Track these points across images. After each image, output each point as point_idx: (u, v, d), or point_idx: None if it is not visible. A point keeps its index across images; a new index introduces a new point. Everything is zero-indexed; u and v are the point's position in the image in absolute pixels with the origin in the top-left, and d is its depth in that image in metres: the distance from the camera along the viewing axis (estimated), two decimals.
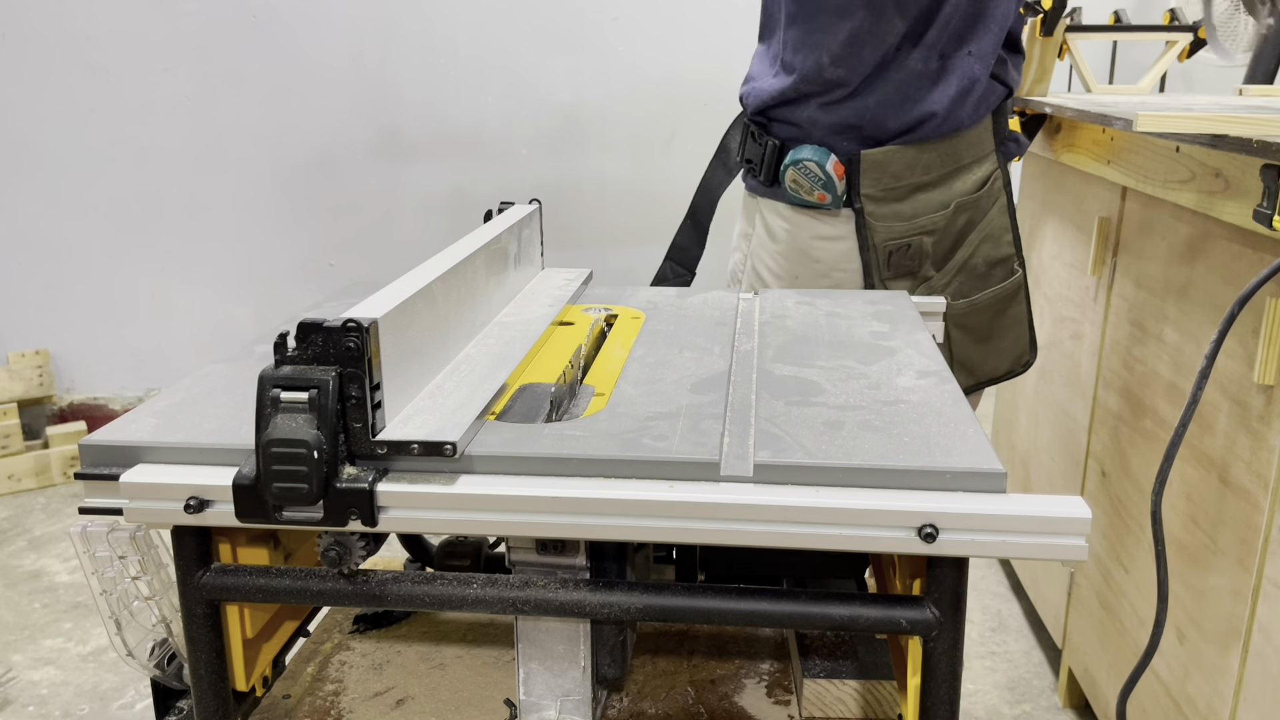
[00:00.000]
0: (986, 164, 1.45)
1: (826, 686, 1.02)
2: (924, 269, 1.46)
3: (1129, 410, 1.60)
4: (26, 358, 3.33)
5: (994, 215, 1.47)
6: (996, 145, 1.46)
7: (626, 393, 0.92)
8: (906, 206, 1.43)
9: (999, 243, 1.48)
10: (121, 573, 0.90)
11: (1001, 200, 1.47)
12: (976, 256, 1.47)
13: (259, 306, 3.46)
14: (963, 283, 1.47)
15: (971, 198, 1.45)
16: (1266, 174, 1.12)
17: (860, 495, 0.75)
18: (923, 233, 1.44)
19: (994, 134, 1.46)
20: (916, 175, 1.42)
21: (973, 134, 1.44)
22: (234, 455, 0.80)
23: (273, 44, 3.27)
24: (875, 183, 1.41)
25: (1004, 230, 1.48)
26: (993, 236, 1.47)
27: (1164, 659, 1.44)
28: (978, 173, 1.45)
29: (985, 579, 2.43)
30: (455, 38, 3.30)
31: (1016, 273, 1.51)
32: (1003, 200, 1.47)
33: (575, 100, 3.35)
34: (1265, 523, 1.19)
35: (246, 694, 0.93)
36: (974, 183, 1.45)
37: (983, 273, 1.48)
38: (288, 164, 3.37)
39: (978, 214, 1.46)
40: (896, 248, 1.43)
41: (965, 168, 1.44)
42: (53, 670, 2.15)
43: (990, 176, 1.46)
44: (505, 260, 1.15)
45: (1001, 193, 1.47)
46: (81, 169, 3.30)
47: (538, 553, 0.88)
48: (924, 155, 1.41)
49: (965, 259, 1.47)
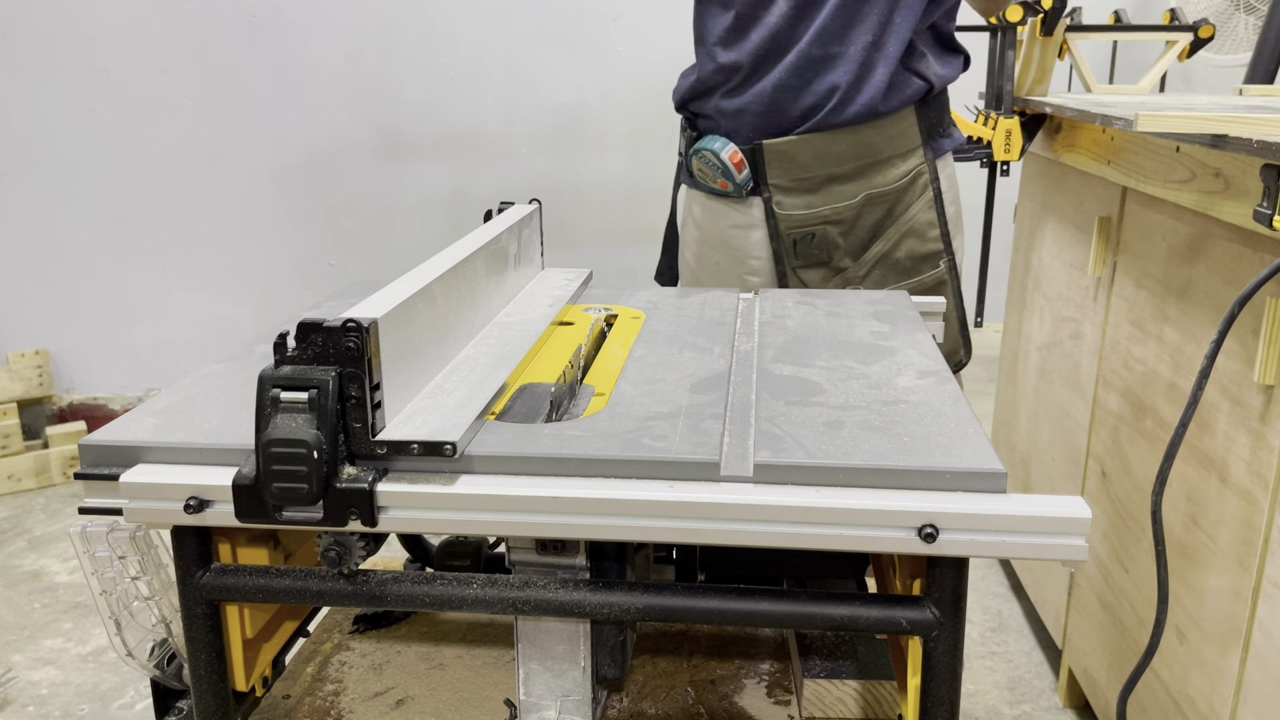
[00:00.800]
0: (911, 159, 1.45)
1: (826, 686, 1.02)
2: (837, 259, 1.47)
3: (1129, 410, 1.60)
4: (26, 358, 3.33)
5: (918, 210, 1.46)
6: (924, 140, 1.45)
7: (626, 393, 0.92)
8: (819, 197, 1.44)
9: (924, 238, 1.47)
10: (121, 573, 0.90)
11: (928, 195, 1.46)
12: (899, 251, 1.47)
13: (259, 306, 3.46)
14: (884, 276, 1.48)
15: (886, 190, 1.44)
16: (1266, 174, 1.12)
17: (860, 495, 0.75)
18: (827, 222, 1.45)
19: (920, 129, 1.45)
20: (829, 166, 1.42)
21: (890, 126, 1.43)
22: (234, 455, 0.80)
23: (273, 44, 3.27)
24: (784, 173, 1.43)
25: (930, 225, 1.47)
26: (917, 231, 1.47)
27: (1164, 659, 1.44)
28: (901, 167, 1.44)
29: (985, 579, 2.43)
30: (455, 37, 3.30)
31: (939, 268, 1.50)
32: (929, 195, 1.46)
33: (575, 100, 3.35)
34: (1265, 523, 1.19)
35: (246, 694, 0.93)
36: (895, 176, 1.44)
37: (908, 267, 1.48)
38: (288, 164, 3.37)
39: (899, 207, 1.46)
40: (800, 236, 1.46)
41: (886, 161, 1.44)
42: (53, 670, 2.15)
43: (914, 171, 1.45)
44: (505, 260, 1.15)
45: (928, 188, 1.46)
46: (81, 169, 3.30)
47: (538, 553, 0.88)
48: (834, 146, 1.42)
49: (885, 252, 1.47)
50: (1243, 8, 2.53)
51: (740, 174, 1.45)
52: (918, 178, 1.46)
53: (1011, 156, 1.93)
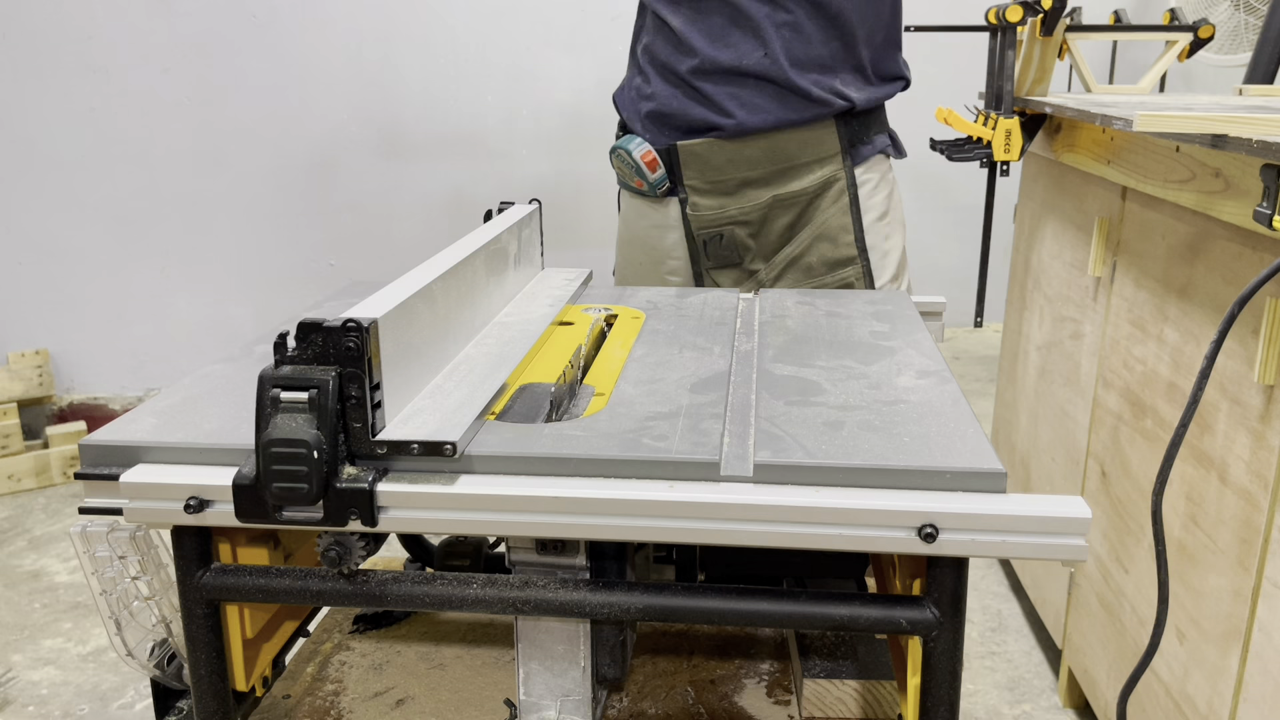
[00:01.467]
0: (827, 165, 1.46)
1: (826, 686, 1.02)
2: (748, 261, 1.50)
3: (1129, 410, 1.60)
4: (26, 358, 3.33)
5: (832, 215, 1.47)
6: (844, 148, 1.47)
7: (626, 393, 0.92)
8: (732, 200, 1.47)
9: (837, 243, 1.48)
10: (121, 573, 0.90)
11: (843, 202, 1.47)
12: (811, 255, 1.48)
13: (259, 306, 3.46)
14: (796, 279, 1.50)
15: (795, 194, 1.46)
16: (1266, 174, 1.12)
17: (860, 495, 0.75)
18: (734, 223, 1.47)
19: (841, 137, 1.47)
20: (742, 170, 1.44)
21: (806, 134, 1.45)
22: (234, 455, 0.80)
23: (273, 44, 3.27)
24: (698, 174, 1.46)
25: (843, 230, 1.48)
26: (829, 236, 1.48)
27: (1164, 659, 1.44)
28: (815, 173, 1.46)
29: (985, 579, 2.43)
30: (456, 37, 3.30)
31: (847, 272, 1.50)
32: (844, 201, 1.47)
33: (576, 99, 3.35)
34: (1265, 523, 1.19)
35: (246, 694, 0.93)
36: (808, 182, 1.46)
37: (821, 272, 1.50)
38: (288, 164, 3.37)
39: (812, 212, 1.47)
40: (710, 237, 1.48)
41: (802, 167, 1.46)
42: (53, 670, 2.15)
43: (828, 177, 1.46)
44: (505, 260, 1.15)
45: (844, 194, 1.47)
46: (82, 169, 3.30)
47: (538, 553, 0.88)
48: (746, 150, 1.44)
49: (795, 255, 1.49)
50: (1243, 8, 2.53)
51: (653, 173, 1.47)
52: (831, 183, 1.47)
53: (1011, 156, 1.93)
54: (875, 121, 1.53)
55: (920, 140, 2.00)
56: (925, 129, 2.03)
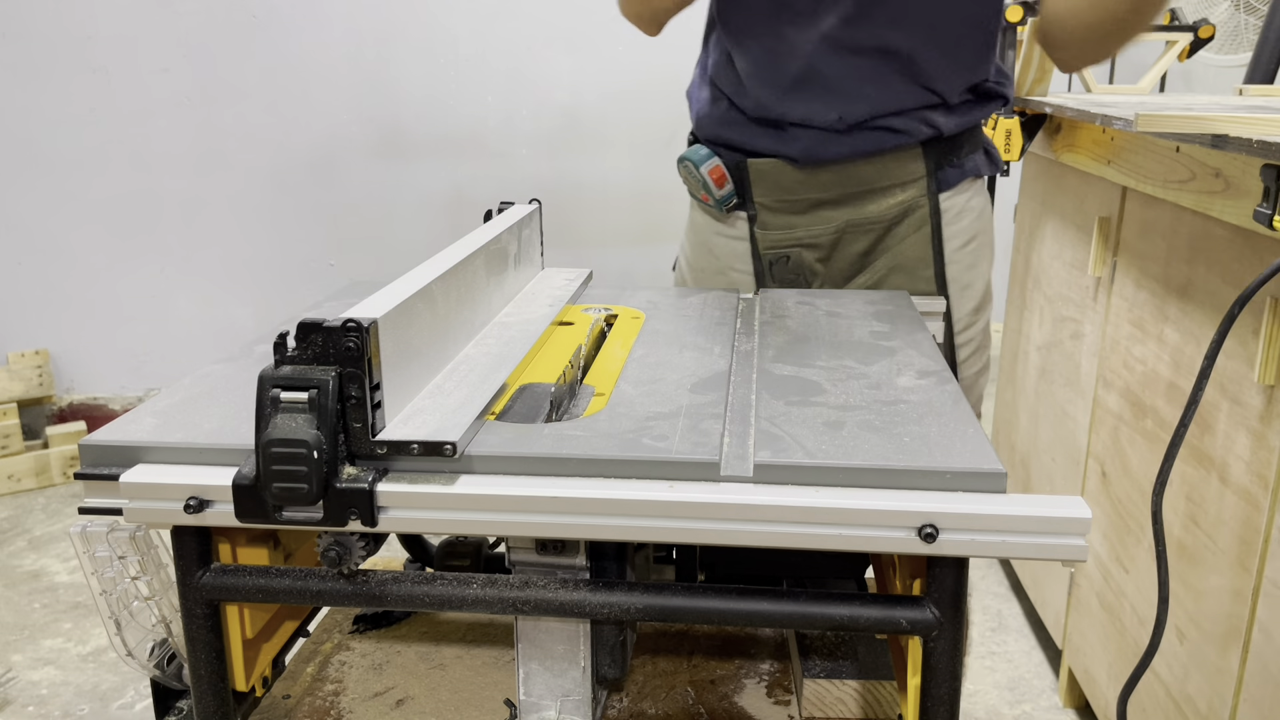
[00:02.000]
0: (909, 189, 1.36)
1: (826, 686, 1.02)
2: (817, 286, 1.40)
3: (1129, 410, 1.60)
4: (26, 358, 3.33)
5: (910, 245, 1.37)
6: (928, 172, 1.35)
7: (626, 393, 0.92)
8: (803, 219, 1.38)
9: (914, 276, 1.38)
10: (121, 573, 0.90)
11: (924, 231, 1.37)
12: (886, 285, 1.39)
13: (259, 306, 3.46)
14: None
15: (872, 221, 1.37)
16: (1266, 174, 1.12)
17: (860, 495, 0.75)
18: (801, 246, 1.39)
19: (926, 161, 1.35)
20: (814, 192, 1.35)
21: (886, 161, 1.35)
22: (234, 455, 0.80)
23: (273, 44, 3.27)
24: (767, 192, 1.37)
25: (922, 264, 1.38)
26: (906, 268, 1.38)
27: (1164, 659, 1.44)
28: (895, 197, 1.36)
29: (985, 579, 2.43)
30: (455, 37, 3.30)
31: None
32: (925, 231, 1.37)
33: (575, 100, 3.35)
34: (1265, 523, 1.19)
35: (246, 694, 0.93)
36: (885, 206, 1.36)
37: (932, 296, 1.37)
38: (288, 164, 3.37)
39: (889, 240, 1.38)
40: (776, 258, 1.40)
41: (881, 190, 1.36)
42: (53, 670, 2.15)
43: (909, 203, 1.36)
44: (505, 260, 1.15)
45: (926, 223, 1.37)
46: (81, 169, 3.30)
47: (538, 553, 0.88)
48: (820, 175, 1.35)
49: (869, 284, 1.40)
50: (1243, 8, 2.53)
51: (720, 190, 1.40)
52: (912, 210, 1.36)
53: (1011, 156, 1.93)
54: (967, 142, 1.39)
55: None
56: None
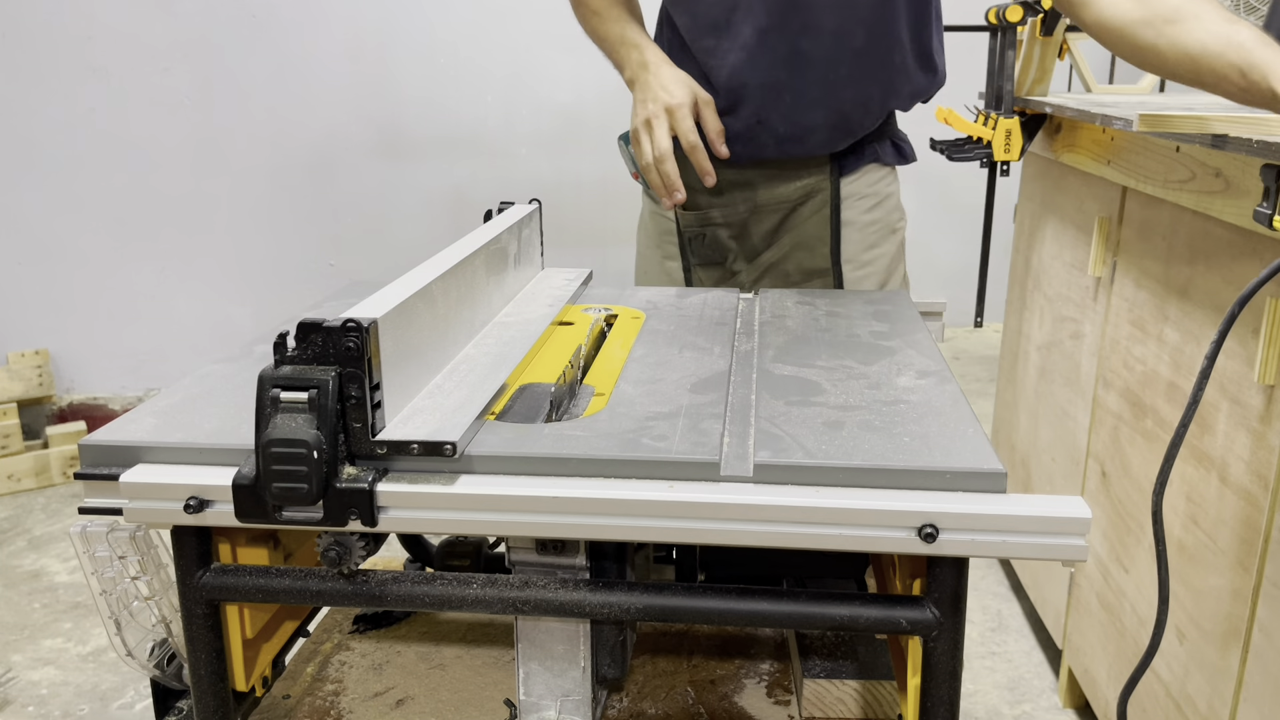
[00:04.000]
0: (812, 174, 1.45)
1: (826, 686, 1.02)
2: (731, 262, 1.51)
3: (1129, 410, 1.60)
4: (26, 358, 3.33)
5: (811, 225, 1.46)
6: (830, 158, 1.45)
7: (626, 393, 0.92)
8: (719, 200, 1.47)
9: (814, 253, 1.47)
10: (121, 573, 0.90)
11: (824, 213, 1.46)
12: (789, 262, 1.48)
13: (259, 306, 3.46)
14: (774, 283, 1.50)
15: (778, 201, 1.46)
16: (1266, 174, 1.12)
17: (860, 495, 0.75)
18: (716, 225, 1.48)
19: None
20: (729, 174, 1.43)
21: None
22: (234, 455, 0.80)
23: (273, 44, 3.27)
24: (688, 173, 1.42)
25: (820, 242, 1.47)
26: (806, 245, 1.47)
27: (1164, 659, 1.44)
28: (801, 180, 1.45)
29: (985, 579, 2.43)
30: (455, 37, 3.30)
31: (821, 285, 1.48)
32: (825, 213, 1.46)
33: (575, 100, 3.35)
34: (1265, 523, 1.19)
35: (246, 694, 0.93)
36: (794, 189, 1.46)
37: (796, 280, 1.49)
38: (288, 164, 3.37)
39: (794, 220, 1.47)
40: (694, 235, 1.50)
41: (786, 174, 1.45)
42: (52, 670, 2.15)
43: (811, 186, 1.46)
44: (505, 260, 1.15)
45: (825, 205, 1.46)
46: (81, 169, 3.30)
47: (538, 553, 0.88)
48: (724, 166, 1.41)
49: (775, 260, 1.49)
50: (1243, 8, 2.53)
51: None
52: (814, 193, 1.46)
53: (1011, 156, 1.93)
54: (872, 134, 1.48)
55: (920, 140, 2.00)
56: (925, 129, 2.03)
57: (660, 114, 1.32)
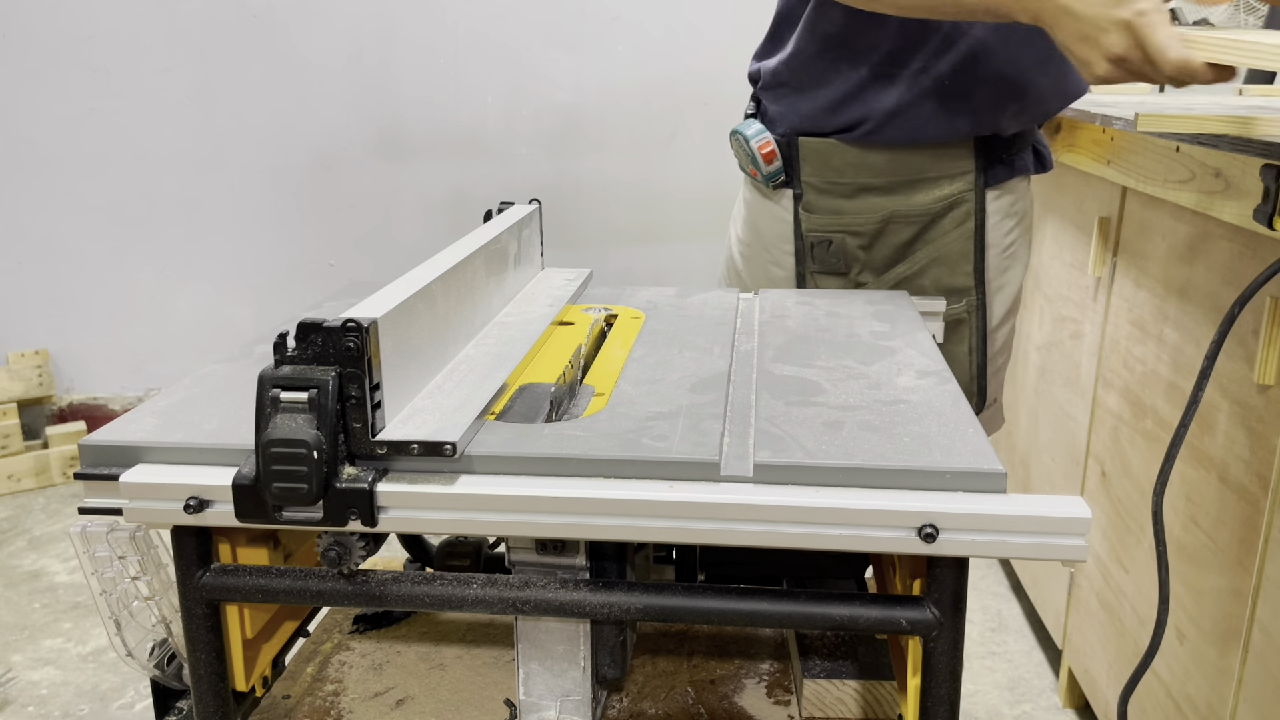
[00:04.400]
0: (957, 183, 1.36)
1: (826, 686, 1.02)
2: (856, 273, 1.41)
3: (1129, 410, 1.60)
4: (26, 358, 3.33)
5: (953, 240, 1.38)
6: (977, 167, 1.36)
7: (626, 393, 0.92)
8: (850, 204, 1.37)
9: (955, 270, 1.38)
10: (121, 573, 0.90)
11: (968, 226, 1.37)
12: (925, 277, 1.39)
13: (259, 306, 3.46)
14: None
15: (917, 212, 1.36)
16: (1266, 174, 1.12)
17: (860, 495, 0.75)
18: (845, 232, 1.38)
19: (976, 154, 1.35)
20: (863, 176, 1.35)
21: (940, 151, 1.34)
22: (234, 455, 0.80)
23: (273, 44, 3.27)
24: (816, 173, 1.37)
25: (963, 259, 1.38)
26: (947, 261, 1.38)
27: (1164, 659, 1.44)
28: (944, 189, 1.36)
29: (985, 579, 2.43)
30: (455, 37, 3.30)
31: (959, 305, 1.40)
32: (969, 226, 1.37)
33: (575, 100, 3.35)
34: (1265, 523, 1.19)
35: (246, 694, 0.93)
36: (931, 199, 1.36)
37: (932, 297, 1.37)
38: (288, 164, 3.37)
39: (933, 233, 1.37)
40: (818, 241, 1.39)
41: (929, 181, 1.35)
42: (52, 670, 2.15)
43: (954, 197, 1.36)
44: (505, 260, 1.15)
45: (969, 218, 1.37)
46: (81, 169, 3.30)
47: (538, 553, 0.88)
48: (870, 157, 1.34)
49: (909, 274, 1.39)
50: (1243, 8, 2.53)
51: (768, 165, 1.39)
52: (957, 205, 1.36)
53: None
54: (1020, 138, 1.38)
55: None
56: None
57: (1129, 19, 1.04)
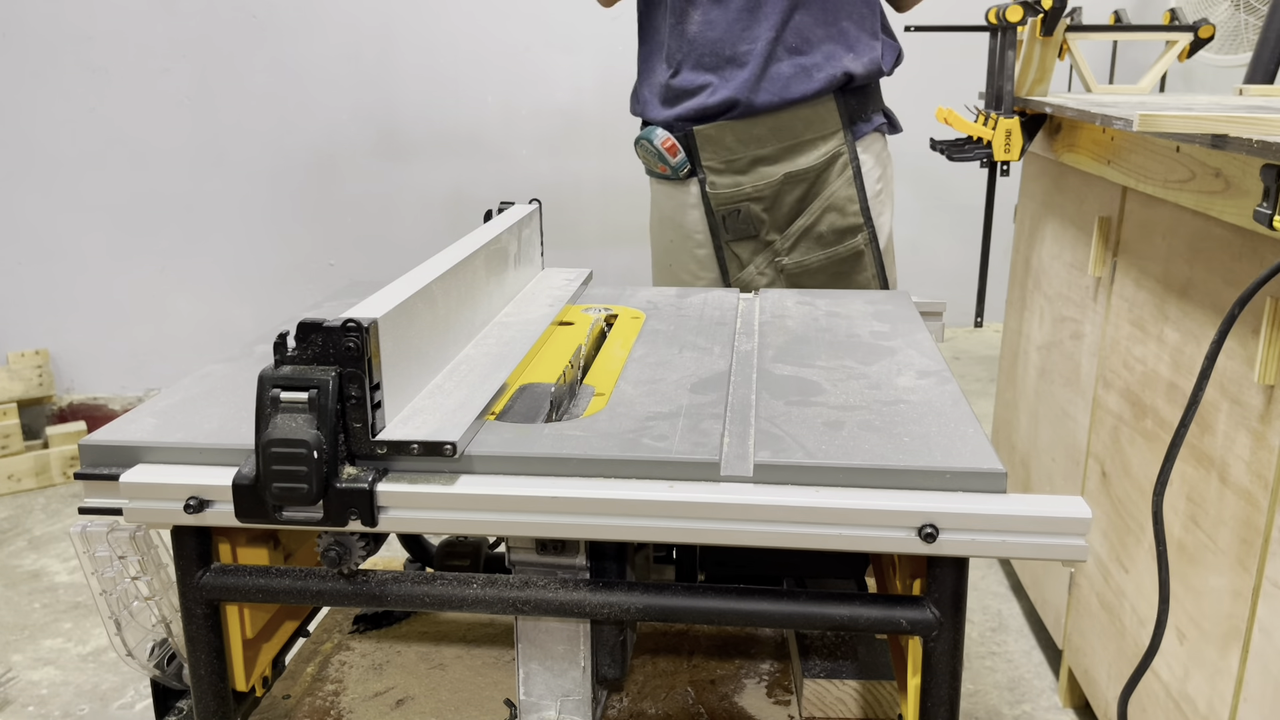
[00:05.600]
0: (832, 141, 1.59)
1: (826, 686, 1.02)
2: (764, 233, 1.63)
3: (1129, 410, 1.60)
4: (26, 358, 3.33)
5: (839, 187, 1.60)
6: (844, 124, 1.59)
7: (626, 393, 0.92)
8: (747, 177, 1.60)
9: (844, 212, 1.61)
10: (121, 573, 0.90)
11: (848, 173, 1.60)
12: (822, 224, 1.61)
13: (259, 306, 3.46)
14: (808, 247, 1.63)
15: (805, 169, 1.58)
16: (1266, 174, 1.12)
17: (860, 495, 0.75)
18: (750, 199, 1.61)
19: (841, 114, 1.59)
20: (753, 148, 1.57)
21: (808, 112, 1.58)
22: (234, 455, 0.80)
23: (273, 44, 3.27)
24: (714, 155, 1.60)
25: (849, 201, 1.60)
26: (837, 207, 1.60)
27: (1164, 659, 1.44)
28: (822, 148, 1.59)
29: (985, 579, 2.43)
30: (455, 37, 3.30)
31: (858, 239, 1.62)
32: (848, 173, 1.59)
33: (575, 100, 3.35)
34: (1265, 523, 1.19)
35: (246, 694, 0.93)
36: (816, 157, 1.59)
37: (830, 240, 1.62)
38: (288, 164, 3.37)
39: (819, 185, 1.60)
40: (728, 213, 1.62)
41: (806, 143, 1.58)
42: (53, 670, 2.15)
43: (832, 151, 1.59)
44: (505, 260, 1.15)
45: (848, 167, 1.59)
46: (81, 169, 3.30)
47: (538, 553, 0.88)
48: (754, 129, 1.56)
49: (808, 225, 1.61)
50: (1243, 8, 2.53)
51: (674, 158, 1.62)
52: (836, 157, 1.59)
53: (1011, 156, 1.93)
54: (872, 100, 1.66)
55: (920, 140, 2.00)
56: (925, 129, 2.03)
57: None
